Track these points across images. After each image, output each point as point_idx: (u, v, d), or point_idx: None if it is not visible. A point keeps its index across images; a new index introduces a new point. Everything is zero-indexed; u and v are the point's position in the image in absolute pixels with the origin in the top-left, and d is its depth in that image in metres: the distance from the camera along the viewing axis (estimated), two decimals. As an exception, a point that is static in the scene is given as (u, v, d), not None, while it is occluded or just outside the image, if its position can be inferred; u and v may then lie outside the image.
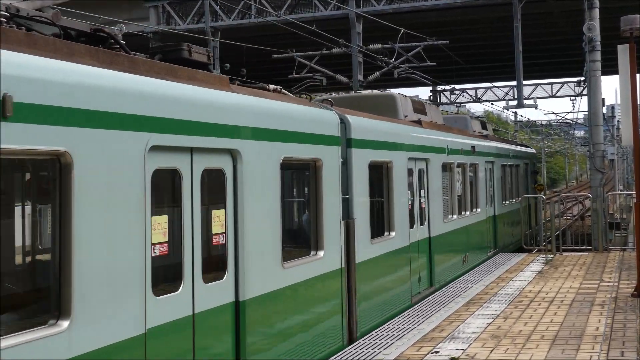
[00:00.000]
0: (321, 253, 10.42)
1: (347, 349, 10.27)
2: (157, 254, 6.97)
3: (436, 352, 9.45)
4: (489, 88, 45.80)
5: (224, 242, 8.09)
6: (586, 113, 31.21)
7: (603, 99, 23.82)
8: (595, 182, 21.49)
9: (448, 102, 47.62)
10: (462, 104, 50.40)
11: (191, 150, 7.48)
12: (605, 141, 23.89)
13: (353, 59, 23.99)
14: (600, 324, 10.66)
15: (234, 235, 8.21)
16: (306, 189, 11.47)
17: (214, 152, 7.93)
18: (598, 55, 20.92)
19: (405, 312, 12.94)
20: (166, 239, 7.15)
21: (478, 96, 46.58)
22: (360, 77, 24.23)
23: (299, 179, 11.69)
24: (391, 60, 25.04)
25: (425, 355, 9.33)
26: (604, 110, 31.03)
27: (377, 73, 25.39)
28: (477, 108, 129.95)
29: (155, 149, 6.88)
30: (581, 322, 10.86)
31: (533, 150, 31.04)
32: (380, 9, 23.30)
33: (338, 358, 9.84)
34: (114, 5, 26.25)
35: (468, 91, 46.87)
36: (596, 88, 21.49)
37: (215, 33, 24.54)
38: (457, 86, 46.12)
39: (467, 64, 35.88)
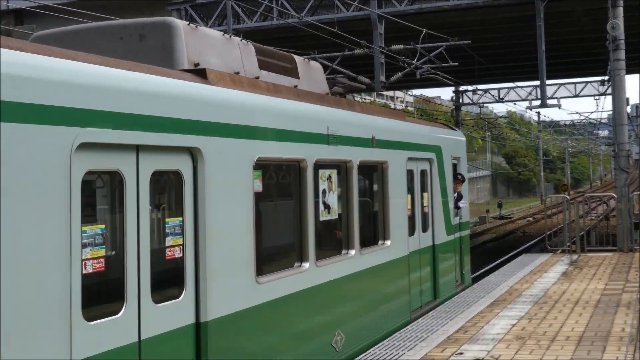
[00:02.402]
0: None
1: (370, 350, 10.07)
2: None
3: (460, 353, 9.41)
4: (512, 88, 45.55)
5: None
6: (610, 112, 30.83)
7: (627, 98, 23.74)
8: (620, 181, 21.37)
9: (471, 102, 47.30)
10: (485, 104, 50.09)
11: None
12: (630, 141, 23.68)
13: (375, 60, 23.79)
14: (626, 325, 10.59)
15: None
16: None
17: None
18: (622, 54, 20.81)
19: (430, 313, 12.74)
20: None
21: (501, 96, 46.31)
22: (383, 78, 24.07)
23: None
24: (413, 61, 24.87)
25: (450, 356, 9.31)
26: (629, 109, 30.69)
27: (399, 74, 25.23)
28: (500, 108, 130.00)
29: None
30: (607, 323, 10.80)
31: (460, 137, 18.12)
32: (402, 10, 23.11)
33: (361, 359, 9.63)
34: (136, 8, 26.26)
35: (491, 91, 46.71)
36: (620, 87, 21.40)
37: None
38: (480, 86, 46.03)
39: (489, 64, 35.76)
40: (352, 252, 10.65)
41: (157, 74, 6.97)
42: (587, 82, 44.01)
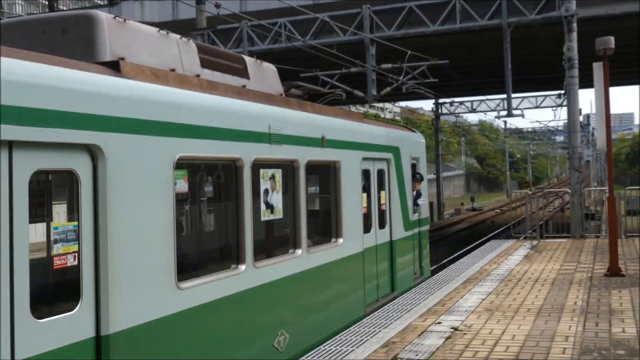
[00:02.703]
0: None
1: (363, 320, 9.79)
2: None
3: (439, 322, 9.28)
4: (483, 100, 45.65)
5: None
6: (566, 121, 31.13)
7: (580, 109, 23.63)
8: (574, 179, 21.40)
9: (448, 112, 47.69)
10: (460, 114, 50.28)
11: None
12: (581, 145, 23.73)
13: (368, 77, 23.95)
14: (578, 299, 10.58)
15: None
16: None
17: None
18: (576, 72, 20.83)
19: (412, 290, 12.31)
20: None
21: (473, 107, 46.49)
22: (374, 92, 24.27)
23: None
24: (400, 78, 25.01)
25: (430, 325, 9.15)
26: (581, 118, 30.92)
27: (388, 88, 25.40)
28: (473, 117, 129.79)
29: None
30: (561, 298, 10.75)
31: (419, 139, 16.05)
32: (391, 34, 23.23)
33: (354, 330, 9.06)
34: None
35: (465, 103, 46.79)
36: (574, 100, 21.41)
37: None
38: (456, 99, 46.18)
39: (464, 80, 35.78)
40: (299, 251, 9.12)
41: (53, 63, 5.57)
42: (546, 96, 43.96)
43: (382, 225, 12.59)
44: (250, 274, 7.80)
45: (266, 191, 8.61)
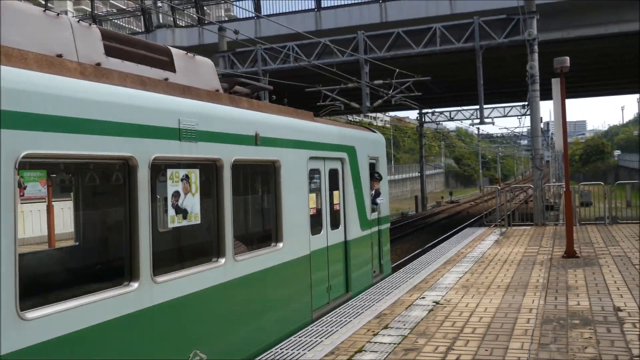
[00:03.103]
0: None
1: (361, 294, 9.51)
2: None
3: (423, 297, 9.28)
4: (460, 110, 45.57)
5: None
6: (529, 128, 31.11)
7: (541, 118, 23.67)
8: (536, 176, 21.39)
9: (430, 121, 47.66)
10: (440, 122, 50.31)
11: None
12: (542, 147, 23.73)
13: (362, 91, 23.89)
14: (540, 277, 10.59)
15: None
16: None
17: None
18: (537, 86, 20.80)
19: (401, 270, 11.93)
20: None
21: (452, 116, 46.50)
22: (368, 104, 24.29)
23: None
24: (389, 92, 25.17)
25: (415, 299, 9.13)
26: (542, 125, 30.85)
27: (380, 101, 25.59)
28: (451, 125, 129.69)
29: None
30: (526, 276, 10.76)
31: (378, 139, 13.60)
32: (382, 55, 23.21)
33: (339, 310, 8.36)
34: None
35: (444, 113, 46.82)
36: (536, 110, 21.39)
37: (265, 74, 24.74)
38: (437, 109, 46.21)
39: (443, 93, 35.77)
40: (222, 260, 6.90)
41: None
42: (512, 106, 43.99)
43: (335, 225, 10.35)
44: (148, 290, 5.64)
45: (176, 194, 6.40)
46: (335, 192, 10.60)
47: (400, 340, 6.98)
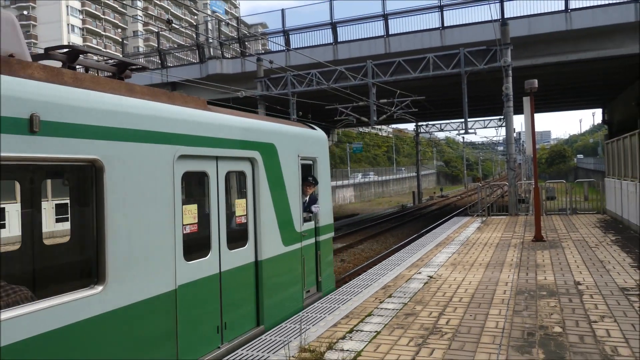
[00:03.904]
0: None
1: (370, 270, 9.13)
2: None
3: (419, 272, 9.20)
4: (448, 123, 45.22)
5: None
6: (504, 136, 30.82)
7: (514, 129, 23.58)
8: (510, 176, 21.15)
9: (425, 132, 47.31)
10: (433, 132, 49.96)
11: None
12: (515, 152, 23.53)
13: (370, 108, 23.71)
14: (514, 257, 10.52)
15: None
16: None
17: None
18: (511, 103, 20.62)
19: (402, 250, 11.54)
20: None
21: (442, 127, 46.17)
22: (375, 118, 24.29)
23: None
24: (392, 108, 25.15)
25: (414, 274, 9.05)
26: (515, 134, 30.51)
27: (384, 115, 25.62)
28: (441, 134, 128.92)
29: None
30: (502, 256, 10.71)
31: (317, 136, 8.62)
32: (386, 79, 23.11)
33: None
34: (239, 82, 26.80)
35: (436, 125, 46.51)
36: (510, 122, 21.19)
37: (294, 95, 24.84)
38: (430, 122, 45.86)
39: (435, 109, 35.67)
40: None
41: None
42: (491, 119, 43.50)
43: (237, 243, 6.36)
44: None
45: None
46: (240, 201, 6.56)
47: (401, 307, 6.93)
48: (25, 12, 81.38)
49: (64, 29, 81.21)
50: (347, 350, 5.30)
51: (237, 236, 6.35)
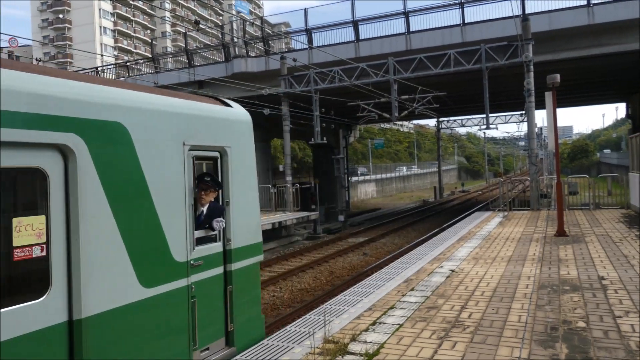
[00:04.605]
0: None
1: (392, 263, 9.16)
2: None
3: (441, 266, 9.14)
4: (469, 118, 44.88)
5: None
6: (526, 131, 30.33)
7: (536, 124, 23.21)
8: (532, 171, 20.82)
9: (446, 127, 46.89)
10: (454, 128, 49.50)
11: None
12: (537, 147, 23.15)
13: (392, 104, 23.52)
14: (536, 251, 10.41)
15: None
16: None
17: None
18: (533, 99, 20.27)
19: (423, 244, 11.46)
20: None
21: (463, 123, 45.74)
22: (397, 114, 24.06)
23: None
24: (413, 104, 24.95)
25: (436, 268, 9.00)
26: (537, 130, 30.04)
27: (406, 111, 25.37)
28: (462, 130, 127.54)
29: None
30: (524, 250, 10.61)
31: (231, 112, 5.37)
32: (407, 76, 22.92)
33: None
34: (263, 80, 26.91)
35: (457, 120, 46.14)
36: (532, 117, 20.84)
37: (316, 92, 24.82)
38: (451, 118, 45.40)
39: (456, 105, 35.26)
40: None
41: None
42: (512, 114, 43.14)
43: (24, 297, 3.38)
44: None
45: None
46: (28, 221, 3.54)
47: (423, 300, 6.88)
48: (61, 16, 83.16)
49: (96, 31, 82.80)
50: (370, 342, 5.28)
51: (18, 282, 3.45)
